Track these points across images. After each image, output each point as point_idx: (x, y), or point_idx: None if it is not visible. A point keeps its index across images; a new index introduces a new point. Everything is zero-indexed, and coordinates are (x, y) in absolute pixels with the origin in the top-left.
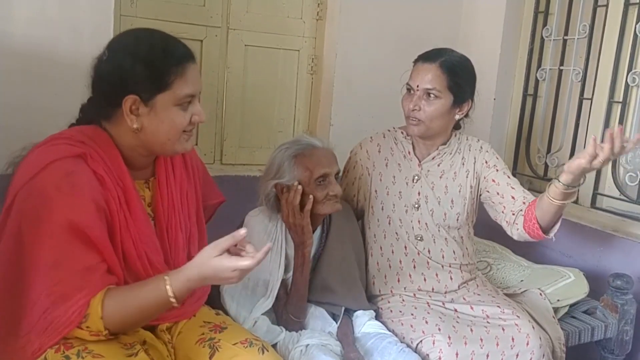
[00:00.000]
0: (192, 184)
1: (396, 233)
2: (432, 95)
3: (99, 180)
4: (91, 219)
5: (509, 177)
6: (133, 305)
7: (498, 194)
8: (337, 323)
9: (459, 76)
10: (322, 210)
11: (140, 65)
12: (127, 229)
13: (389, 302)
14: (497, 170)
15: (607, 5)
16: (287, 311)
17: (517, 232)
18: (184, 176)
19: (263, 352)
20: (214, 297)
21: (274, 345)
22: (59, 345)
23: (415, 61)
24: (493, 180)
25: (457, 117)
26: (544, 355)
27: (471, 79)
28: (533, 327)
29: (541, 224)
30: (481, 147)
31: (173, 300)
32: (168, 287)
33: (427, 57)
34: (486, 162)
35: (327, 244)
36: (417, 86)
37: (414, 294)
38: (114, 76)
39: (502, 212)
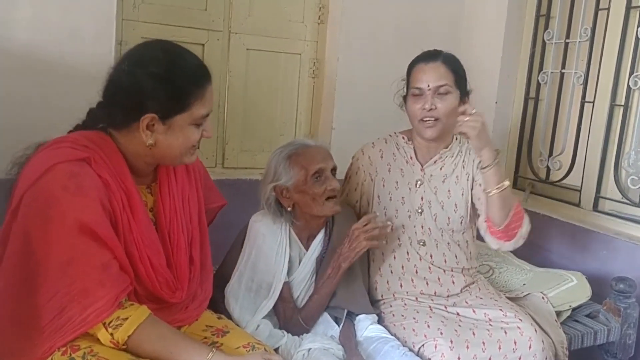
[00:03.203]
0: (194, 189)
1: (398, 239)
2: (444, 92)
3: (104, 183)
4: (99, 218)
5: None
6: (165, 346)
7: (479, 199)
8: (339, 327)
9: (460, 70)
10: (322, 212)
11: (162, 86)
12: (130, 232)
13: (391, 306)
14: None
15: (608, 9)
16: (300, 317)
17: (489, 238)
18: (185, 181)
19: None
20: (216, 301)
21: (276, 350)
22: (66, 348)
23: (415, 64)
24: (479, 184)
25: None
26: (546, 358)
27: (465, 74)
28: (536, 330)
29: (493, 220)
30: None
31: (208, 357)
32: (210, 354)
33: (428, 57)
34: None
35: (330, 248)
36: (428, 86)
37: (416, 298)
38: (134, 93)
39: (480, 218)
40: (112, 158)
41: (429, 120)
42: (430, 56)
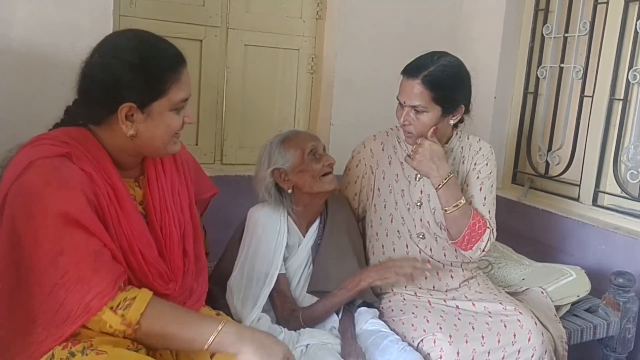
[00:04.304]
0: (183, 180)
1: (398, 231)
2: (419, 110)
3: (88, 177)
4: (84, 209)
5: (481, 189)
6: (177, 319)
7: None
8: (338, 317)
9: (444, 88)
10: (322, 187)
11: (137, 73)
12: (120, 226)
13: (390, 301)
14: (477, 177)
15: (607, 3)
16: (302, 316)
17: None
18: (174, 173)
19: None
20: (215, 298)
21: None
22: (67, 342)
23: (403, 72)
24: (467, 185)
25: (451, 122)
26: (546, 351)
27: (461, 86)
28: (535, 323)
29: (449, 232)
30: (480, 149)
31: (219, 328)
32: (221, 325)
33: (410, 72)
34: (475, 164)
35: (325, 235)
36: (404, 102)
37: (415, 293)
38: (108, 84)
39: None
40: (94, 153)
41: (406, 132)
42: (412, 70)
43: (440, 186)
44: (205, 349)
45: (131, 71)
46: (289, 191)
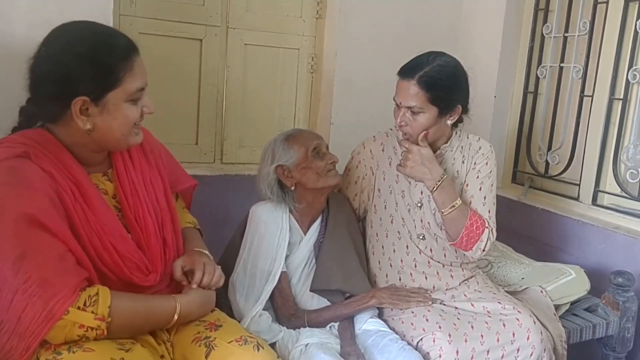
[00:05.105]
0: (155, 170)
1: (398, 232)
2: (415, 111)
3: (48, 175)
4: (46, 210)
5: (481, 189)
6: (141, 303)
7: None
8: None
9: (440, 89)
10: (326, 182)
11: (87, 64)
12: (88, 222)
13: None
14: (477, 176)
15: (607, 2)
16: (307, 317)
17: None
18: (144, 163)
19: (258, 350)
20: (217, 295)
21: (273, 344)
22: (50, 343)
23: (399, 73)
24: (467, 184)
25: (449, 122)
26: (545, 349)
27: (457, 86)
28: (534, 322)
29: (448, 233)
30: (479, 148)
31: (178, 307)
32: (178, 305)
33: (405, 72)
34: (475, 163)
35: (327, 233)
36: (400, 103)
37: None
38: (58, 78)
39: None
40: (53, 151)
41: (403, 133)
42: (408, 71)
43: (435, 188)
44: (178, 305)
45: (80, 63)
46: (292, 188)
